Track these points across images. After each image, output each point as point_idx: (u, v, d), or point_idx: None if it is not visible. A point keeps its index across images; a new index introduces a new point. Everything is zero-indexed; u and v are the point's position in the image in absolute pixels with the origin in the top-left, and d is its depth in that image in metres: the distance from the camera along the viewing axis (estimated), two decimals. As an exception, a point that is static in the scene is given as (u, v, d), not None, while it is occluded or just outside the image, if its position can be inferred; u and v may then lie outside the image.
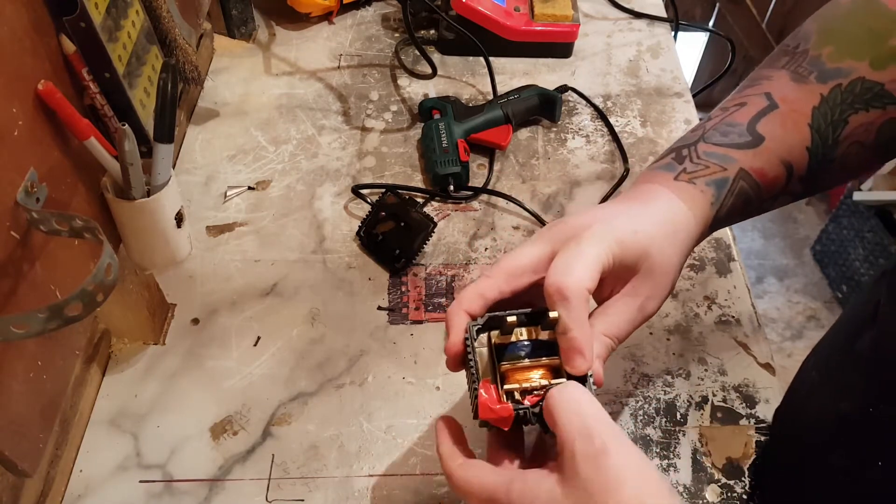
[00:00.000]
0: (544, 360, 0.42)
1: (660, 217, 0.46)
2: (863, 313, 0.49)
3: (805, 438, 0.53)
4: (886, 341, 0.44)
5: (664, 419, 0.61)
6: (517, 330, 0.43)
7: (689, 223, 0.46)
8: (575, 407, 0.38)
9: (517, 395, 0.42)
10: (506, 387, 0.42)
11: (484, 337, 0.44)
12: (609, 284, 0.45)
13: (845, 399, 0.47)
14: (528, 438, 0.46)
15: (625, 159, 0.81)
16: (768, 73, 0.50)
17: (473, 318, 0.44)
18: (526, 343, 0.43)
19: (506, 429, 0.42)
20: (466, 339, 0.43)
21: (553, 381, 0.42)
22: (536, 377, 0.42)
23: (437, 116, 0.81)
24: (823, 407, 0.50)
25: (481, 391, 0.41)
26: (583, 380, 0.41)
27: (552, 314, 0.41)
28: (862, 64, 0.47)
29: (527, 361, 0.42)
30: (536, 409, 0.41)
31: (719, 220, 0.48)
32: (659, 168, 0.49)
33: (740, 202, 0.48)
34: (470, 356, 0.43)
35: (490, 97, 0.87)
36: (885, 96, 0.47)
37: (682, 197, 0.47)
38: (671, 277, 0.46)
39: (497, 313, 0.43)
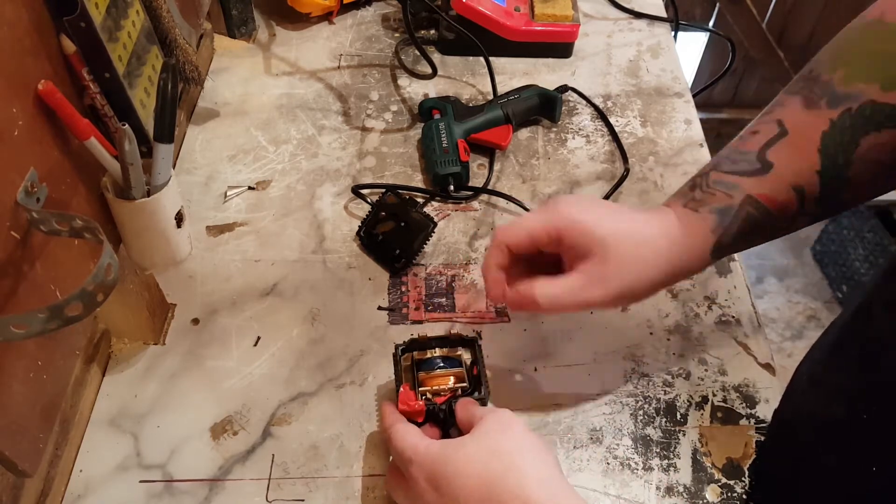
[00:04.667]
0: (451, 371, 0.57)
1: (643, 227, 0.50)
2: (855, 317, 0.49)
3: (800, 440, 0.53)
4: (877, 345, 0.44)
5: (664, 419, 0.61)
6: (431, 350, 0.59)
7: (671, 250, 0.50)
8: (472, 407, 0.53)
9: (429, 396, 0.56)
10: (420, 389, 0.56)
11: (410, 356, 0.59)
12: (570, 255, 0.51)
13: (838, 402, 0.47)
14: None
15: (625, 159, 0.81)
16: (783, 98, 0.52)
17: (508, 261, 0.53)
18: (438, 358, 0.58)
19: (420, 420, 0.53)
20: (395, 356, 0.57)
21: (457, 385, 0.57)
22: (446, 382, 0.57)
23: (437, 116, 0.81)
24: (817, 410, 0.50)
25: (401, 391, 0.54)
26: (479, 383, 0.56)
27: (452, 330, 0.62)
28: (873, 87, 0.47)
29: (439, 371, 0.57)
30: (444, 406, 0.54)
31: (725, 245, 0.51)
32: (676, 195, 0.53)
33: (748, 227, 0.50)
34: (396, 369, 0.57)
35: (490, 97, 0.87)
36: None
37: (682, 222, 0.51)
38: (622, 279, 0.50)
39: (416, 337, 0.59)
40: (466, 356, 0.59)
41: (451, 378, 0.57)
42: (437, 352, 0.59)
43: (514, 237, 0.52)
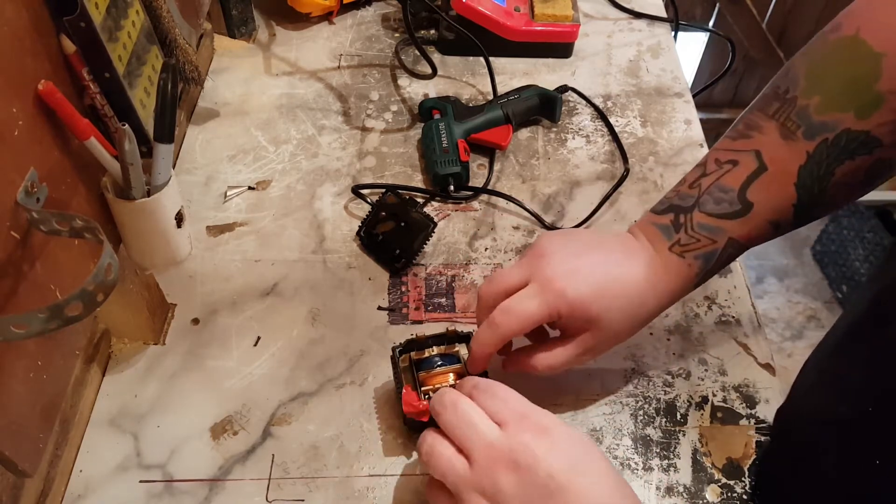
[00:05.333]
0: (451, 367, 0.58)
1: (631, 287, 0.53)
2: (862, 315, 0.49)
3: (801, 440, 0.53)
4: (885, 345, 0.44)
5: (664, 419, 0.61)
6: (429, 349, 0.59)
7: (659, 301, 0.54)
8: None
9: (432, 395, 0.53)
10: (422, 388, 0.56)
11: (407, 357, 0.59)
12: (564, 326, 0.54)
13: (843, 402, 0.47)
14: None
15: (625, 159, 0.81)
16: (760, 121, 0.53)
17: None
18: (437, 356, 0.59)
19: (425, 420, 0.53)
20: (392, 358, 0.58)
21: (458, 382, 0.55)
22: (447, 379, 0.57)
23: (437, 116, 0.81)
24: (822, 408, 0.50)
25: (404, 393, 0.54)
26: (484, 375, 0.56)
27: (449, 328, 0.59)
28: (847, 115, 0.48)
29: (438, 369, 0.57)
30: None
31: (703, 281, 0.55)
32: (659, 227, 0.55)
33: (727, 262, 0.55)
34: (395, 371, 0.58)
35: (490, 97, 0.87)
36: (870, 142, 0.48)
37: (668, 269, 0.53)
38: (615, 343, 0.55)
39: (413, 337, 0.58)
40: (464, 352, 0.59)
41: (452, 375, 0.57)
42: (435, 350, 0.59)
43: (519, 327, 0.53)
